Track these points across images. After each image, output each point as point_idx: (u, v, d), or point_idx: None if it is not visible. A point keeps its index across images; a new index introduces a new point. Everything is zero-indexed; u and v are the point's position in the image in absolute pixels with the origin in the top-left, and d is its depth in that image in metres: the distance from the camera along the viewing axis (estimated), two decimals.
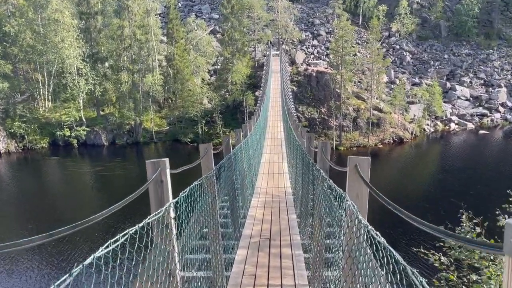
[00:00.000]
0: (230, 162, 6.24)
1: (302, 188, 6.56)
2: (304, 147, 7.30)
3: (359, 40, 60.41)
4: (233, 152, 6.67)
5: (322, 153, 4.36)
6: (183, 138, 44.76)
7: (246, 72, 48.69)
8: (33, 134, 44.02)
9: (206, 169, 4.57)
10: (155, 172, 3.13)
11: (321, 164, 4.47)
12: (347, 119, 43.71)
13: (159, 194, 3.10)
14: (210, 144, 4.71)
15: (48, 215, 25.01)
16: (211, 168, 4.57)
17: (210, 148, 4.63)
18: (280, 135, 22.07)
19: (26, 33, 43.75)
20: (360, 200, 2.87)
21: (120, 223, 20.68)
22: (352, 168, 2.93)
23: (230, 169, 6.23)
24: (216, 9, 65.24)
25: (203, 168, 4.60)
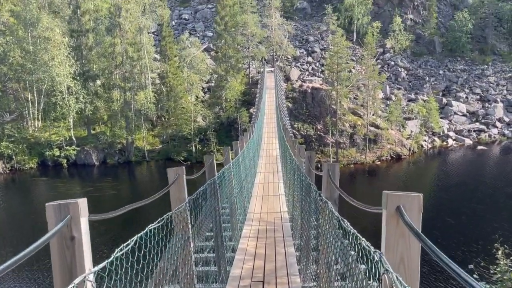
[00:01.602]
0: (214, 188, 5.22)
1: (302, 217, 5.52)
2: (302, 168, 6.32)
3: (353, 56, 60.14)
4: (219, 174, 5.65)
5: (329, 179, 3.37)
6: (176, 156, 43.65)
7: (240, 89, 48.03)
8: (21, 155, 42.72)
9: (176, 200, 3.59)
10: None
11: (328, 192, 3.48)
12: (343, 135, 42.88)
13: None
14: (182, 168, 3.71)
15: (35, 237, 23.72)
16: (182, 200, 3.58)
17: (182, 173, 3.64)
18: (276, 153, 21.05)
19: (15, 52, 42.90)
20: (407, 267, 1.80)
21: None
22: (392, 211, 1.87)
23: (214, 196, 5.21)
24: (210, 27, 64.98)
25: (172, 200, 3.60)
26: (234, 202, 7.56)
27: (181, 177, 3.61)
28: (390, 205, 1.91)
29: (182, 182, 3.59)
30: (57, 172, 42.82)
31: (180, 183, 3.59)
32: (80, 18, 45.16)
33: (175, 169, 3.68)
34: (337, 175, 3.47)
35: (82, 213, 2.03)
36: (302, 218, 5.52)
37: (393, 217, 1.90)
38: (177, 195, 3.66)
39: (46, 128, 44.72)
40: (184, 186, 3.63)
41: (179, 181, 3.57)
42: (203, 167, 6.82)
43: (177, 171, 3.66)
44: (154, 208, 5.78)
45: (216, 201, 5.30)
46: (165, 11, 53.52)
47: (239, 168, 9.34)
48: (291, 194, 8.52)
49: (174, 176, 3.58)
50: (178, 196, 3.63)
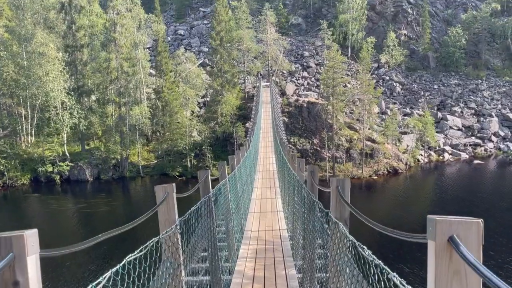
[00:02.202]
0: (209, 206, 4.82)
1: (305, 237, 5.12)
2: (302, 182, 5.94)
3: (348, 71, 60.36)
4: (214, 191, 5.26)
5: (339, 196, 2.99)
6: (171, 171, 43.15)
7: (236, 104, 47.89)
8: (13, 171, 42.00)
9: (165, 223, 3.19)
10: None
11: (338, 212, 3.09)
12: (340, 150, 42.60)
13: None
14: (171, 186, 3.29)
15: None
16: (171, 222, 3.18)
17: (172, 191, 3.22)
18: (273, 167, 20.66)
19: (9, 67, 42.57)
20: None
21: None
22: (444, 242, 1.40)
23: (209, 215, 4.80)
24: (205, 43, 65.19)
25: (161, 222, 3.20)
26: (230, 220, 7.12)
27: (170, 195, 3.20)
28: (441, 234, 1.46)
29: (171, 201, 3.20)
30: (50, 188, 42.11)
31: (170, 203, 3.19)
32: (75, 33, 45.04)
33: (164, 187, 3.28)
34: (347, 192, 3.09)
35: (30, 249, 1.55)
36: (304, 238, 5.12)
37: (445, 250, 1.47)
38: (165, 217, 3.23)
39: (39, 143, 44.12)
40: (174, 206, 3.23)
41: (168, 201, 3.18)
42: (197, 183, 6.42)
43: (166, 189, 3.24)
44: (146, 227, 5.38)
45: (211, 220, 4.89)
46: (160, 26, 53.59)
47: (236, 183, 8.92)
48: (291, 211, 8.10)
49: (162, 195, 3.18)
50: (167, 218, 3.22)
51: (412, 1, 71.39)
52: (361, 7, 66.15)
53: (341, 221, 2.95)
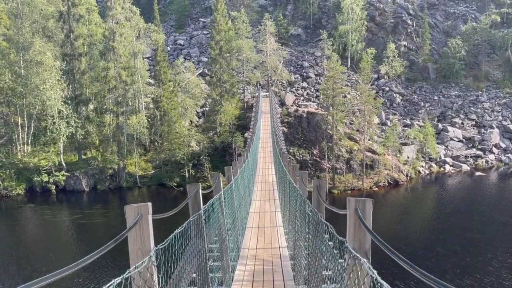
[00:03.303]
0: (199, 225, 4.25)
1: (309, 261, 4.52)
2: (305, 197, 5.38)
3: (348, 82, 60.07)
4: (207, 207, 4.67)
5: (359, 222, 2.41)
6: (169, 182, 42.51)
7: (235, 113, 47.46)
8: (8, 180, 41.31)
9: (136, 253, 2.60)
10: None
11: (357, 241, 2.48)
12: (340, 160, 42.04)
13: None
14: (146, 205, 2.70)
15: (20, 267, 22.42)
16: (145, 252, 2.59)
17: (147, 212, 2.63)
18: (272, 179, 20.05)
19: (6, 75, 42.16)
20: None
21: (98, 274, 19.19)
22: None
23: (199, 236, 4.22)
24: (205, 53, 64.99)
25: (131, 253, 2.61)
26: (225, 239, 6.50)
27: (144, 218, 2.62)
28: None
29: (146, 225, 2.61)
30: (45, 198, 41.41)
31: (143, 227, 2.60)
32: (73, 42, 44.72)
33: (136, 207, 2.66)
34: (369, 216, 2.53)
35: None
36: (309, 262, 4.55)
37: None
38: (138, 245, 2.59)
39: (35, 153, 43.49)
40: (148, 231, 2.59)
41: (142, 225, 2.60)
42: None
43: (138, 209, 2.64)
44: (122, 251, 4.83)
45: (202, 241, 4.31)
46: (159, 36, 53.38)
47: (232, 196, 8.32)
48: (292, 228, 7.50)
49: (134, 217, 2.60)
50: (139, 247, 2.61)
51: (411, 12, 71.47)
52: (361, 18, 66.18)
53: (360, 253, 2.40)
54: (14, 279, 21.00)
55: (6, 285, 20.21)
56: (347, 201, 2.72)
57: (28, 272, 21.42)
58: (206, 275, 4.43)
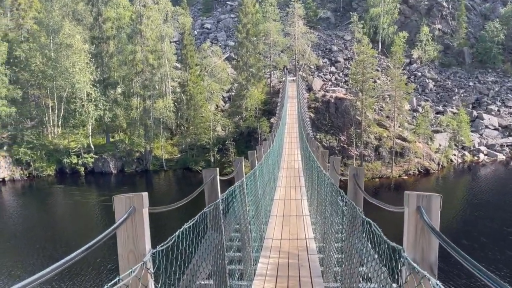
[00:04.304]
0: (217, 217, 3.74)
1: (345, 259, 3.97)
2: (337, 187, 4.80)
3: (378, 67, 58.18)
4: (225, 196, 4.16)
5: (423, 225, 1.81)
6: (194, 166, 42.56)
7: (261, 98, 46.80)
8: (39, 161, 42.38)
9: (128, 259, 2.06)
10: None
11: (419, 252, 1.85)
12: (368, 148, 40.92)
13: None
14: (140, 196, 2.09)
15: (46, 246, 22.88)
16: (138, 255, 2.01)
17: (142, 206, 2.03)
18: (298, 165, 19.45)
19: (37, 58, 42.87)
20: None
21: None
22: None
23: (215, 228, 3.72)
24: (232, 37, 64.21)
25: (121, 261, 2.09)
26: (247, 230, 6.01)
27: (138, 212, 2.03)
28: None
29: (140, 221, 2.07)
30: (75, 180, 42.27)
31: (136, 224, 2.04)
32: (101, 25, 44.93)
33: (128, 198, 2.11)
34: (436, 217, 1.91)
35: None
36: (342, 261, 4.00)
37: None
38: (128, 247, 2.06)
39: (65, 135, 44.36)
40: (143, 227, 2.08)
41: (135, 220, 2.02)
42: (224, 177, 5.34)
43: (131, 200, 2.08)
44: None
45: (219, 234, 3.81)
46: (187, 19, 52.91)
47: (256, 183, 7.80)
48: (321, 219, 6.93)
49: (124, 210, 2.03)
50: (131, 249, 2.07)
51: None
52: (393, 0, 63.64)
53: (423, 265, 1.81)
54: (39, 257, 21.37)
55: (29, 263, 20.54)
56: (405, 196, 2.12)
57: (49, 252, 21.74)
58: (224, 273, 3.95)
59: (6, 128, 44.03)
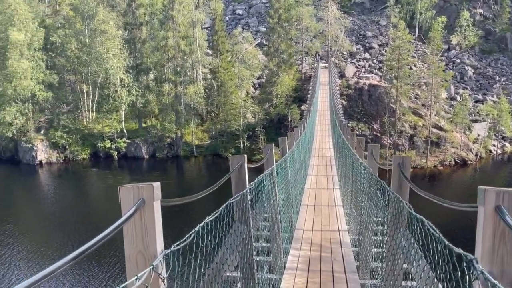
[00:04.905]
0: (244, 208, 3.44)
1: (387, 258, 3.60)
2: (376, 176, 4.41)
3: (415, 53, 56.08)
4: (255, 183, 3.85)
5: (503, 230, 1.48)
6: (224, 152, 42.62)
7: (292, 85, 46.11)
8: (75, 145, 43.58)
9: (136, 260, 1.76)
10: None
11: (497, 263, 1.41)
12: (402, 137, 39.70)
13: None
14: (150, 187, 1.73)
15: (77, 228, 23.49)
16: (148, 257, 1.71)
17: (152, 197, 1.72)
18: (329, 153, 18.95)
19: (72, 44, 43.76)
20: None
21: None
22: None
23: (242, 221, 3.42)
24: (263, 23, 63.40)
25: (128, 262, 1.78)
26: (277, 220, 5.69)
27: (148, 206, 1.77)
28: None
29: (149, 216, 1.76)
30: (108, 163, 43.25)
31: (146, 218, 1.77)
32: (134, 11, 45.27)
33: (137, 188, 1.82)
34: None
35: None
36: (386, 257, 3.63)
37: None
38: (137, 247, 1.79)
39: (99, 120, 45.32)
40: (153, 224, 1.80)
41: (144, 214, 1.78)
42: (254, 164, 5.07)
43: (140, 191, 1.81)
44: None
45: (246, 227, 3.51)
46: (218, 4, 52.53)
47: (287, 171, 7.46)
48: (356, 211, 6.53)
49: (132, 203, 1.75)
50: (140, 250, 1.79)
51: None
52: None
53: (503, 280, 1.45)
54: (69, 238, 21.90)
55: (60, 244, 21.02)
56: (479, 192, 1.72)
57: (80, 234, 22.22)
58: (251, 268, 3.66)
59: (43, 112, 45.40)
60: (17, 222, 25.19)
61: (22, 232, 23.00)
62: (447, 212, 3.72)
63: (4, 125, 40.53)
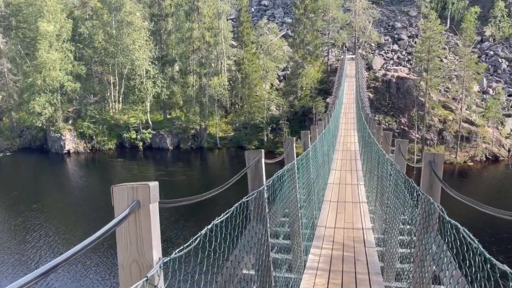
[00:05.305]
0: (261, 206, 3.19)
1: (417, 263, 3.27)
2: (404, 174, 4.07)
3: (446, 45, 54.23)
4: (274, 179, 3.59)
5: None
6: (247, 145, 42.47)
7: (317, 77, 45.38)
8: (101, 135, 44.34)
9: (130, 269, 1.52)
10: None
11: None
12: (431, 131, 38.53)
13: None
14: (147, 187, 1.52)
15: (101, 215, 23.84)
16: (144, 266, 1.50)
17: (148, 197, 1.53)
18: (354, 147, 18.46)
19: (99, 35, 44.33)
20: None
21: None
22: None
23: (258, 219, 3.17)
24: (289, 14, 62.62)
25: (121, 270, 1.56)
26: (297, 218, 5.40)
27: (143, 208, 1.56)
28: None
29: (145, 219, 1.46)
30: (133, 154, 43.85)
31: (141, 222, 1.53)
32: (160, 2, 45.43)
33: (131, 189, 1.62)
34: None
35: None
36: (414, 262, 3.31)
37: None
38: (132, 255, 1.58)
39: (125, 110, 45.92)
40: (149, 228, 1.56)
41: (139, 218, 1.55)
42: (277, 157, 4.81)
43: (135, 192, 1.60)
44: None
45: (263, 226, 3.25)
46: None
47: (309, 166, 7.15)
48: (382, 210, 6.18)
49: (126, 204, 1.54)
50: (134, 258, 1.58)
51: None
52: None
53: None
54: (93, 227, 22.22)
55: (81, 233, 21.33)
56: None
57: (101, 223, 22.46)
58: (268, 271, 3.41)
59: (71, 103, 46.34)
60: (45, 209, 25.83)
61: (48, 219, 23.56)
62: (485, 217, 3.34)
63: (34, 115, 41.58)
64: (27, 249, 19.07)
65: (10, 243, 20.37)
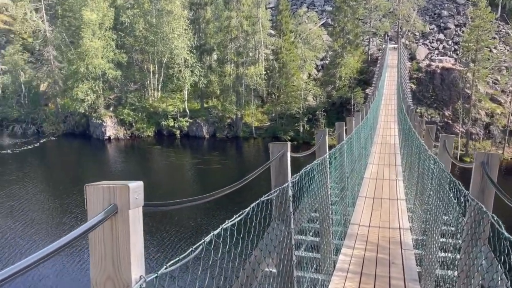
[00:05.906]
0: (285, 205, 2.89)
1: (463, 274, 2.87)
2: (449, 174, 3.65)
3: (496, 34, 51.19)
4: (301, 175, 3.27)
5: None
6: (283, 135, 42.08)
7: (357, 67, 44.13)
8: (140, 123, 45.29)
9: None
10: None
11: None
12: (477, 125, 36.62)
13: None
14: (126, 188, 1.19)
15: None
16: (120, 286, 1.22)
17: (128, 202, 1.18)
18: (394, 140, 17.71)
19: (140, 24, 45.03)
20: None
21: None
22: None
23: (282, 219, 2.88)
24: (329, 1, 61.11)
25: None
26: (327, 216, 5.04)
27: (121, 215, 1.10)
28: None
29: (123, 229, 1.10)
30: (171, 141, 44.56)
31: (118, 233, 1.15)
32: None
33: (108, 189, 1.10)
34: None
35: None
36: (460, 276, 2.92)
37: None
38: (106, 271, 1.28)
39: (164, 99, 46.60)
40: (127, 239, 1.05)
41: (117, 228, 1.15)
42: (309, 148, 4.53)
43: (111, 195, 1.29)
44: None
45: (286, 228, 2.94)
46: None
47: (343, 160, 6.75)
48: (422, 209, 5.70)
49: (101, 208, 1.13)
50: (108, 275, 1.28)
51: None
52: None
53: None
54: None
55: None
56: None
57: None
58: (291, 273, 3.13)
59: (112, 90, 47.53)
60: None
61: None
62: None
63: (77, 102, 42.97)
64: (64, 230, 19.77)
65: (49, 224, 21.17)
